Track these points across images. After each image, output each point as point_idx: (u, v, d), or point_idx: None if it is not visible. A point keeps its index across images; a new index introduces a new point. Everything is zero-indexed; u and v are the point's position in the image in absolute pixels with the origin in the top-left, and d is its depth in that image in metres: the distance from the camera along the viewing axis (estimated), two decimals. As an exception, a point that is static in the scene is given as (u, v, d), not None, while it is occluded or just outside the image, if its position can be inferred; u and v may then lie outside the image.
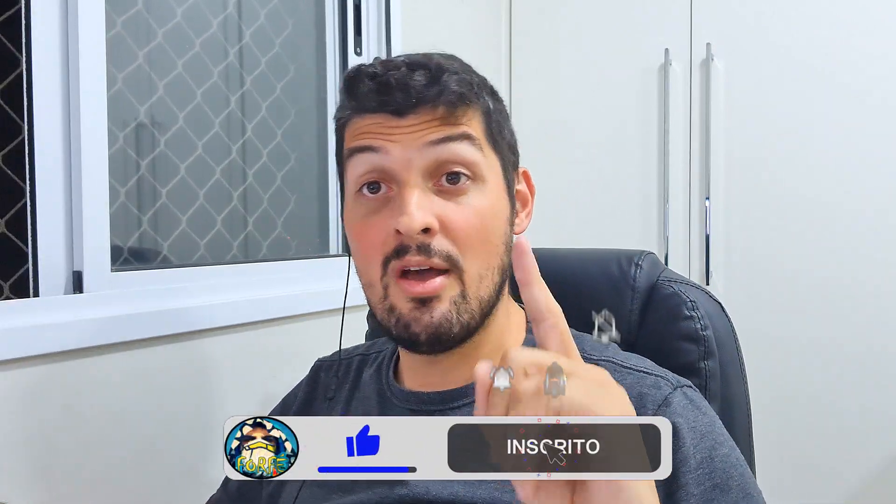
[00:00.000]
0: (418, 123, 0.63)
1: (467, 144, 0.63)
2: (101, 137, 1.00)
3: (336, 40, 1.56)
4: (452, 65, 0.65)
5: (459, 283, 0.63)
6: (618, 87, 1.99)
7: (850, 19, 1.75)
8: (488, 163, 0.65)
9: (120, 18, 1.11)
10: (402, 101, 0.62)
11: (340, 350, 0.83)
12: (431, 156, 0.63)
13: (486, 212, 0.64)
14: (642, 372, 0.66)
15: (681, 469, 0.59)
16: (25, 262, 0.94)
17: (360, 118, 0.65)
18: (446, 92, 0.62)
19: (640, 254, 0.82)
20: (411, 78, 0.62)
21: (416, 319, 0.62)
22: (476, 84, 0.66)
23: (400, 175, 0.63)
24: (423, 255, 0.61)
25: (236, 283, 1.21)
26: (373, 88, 0.63)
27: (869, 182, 1.74)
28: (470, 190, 0.64)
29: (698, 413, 0.63)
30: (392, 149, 0.63)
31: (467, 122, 0.64)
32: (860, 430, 1.74)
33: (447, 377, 0.68)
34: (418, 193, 0.62)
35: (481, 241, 0.64)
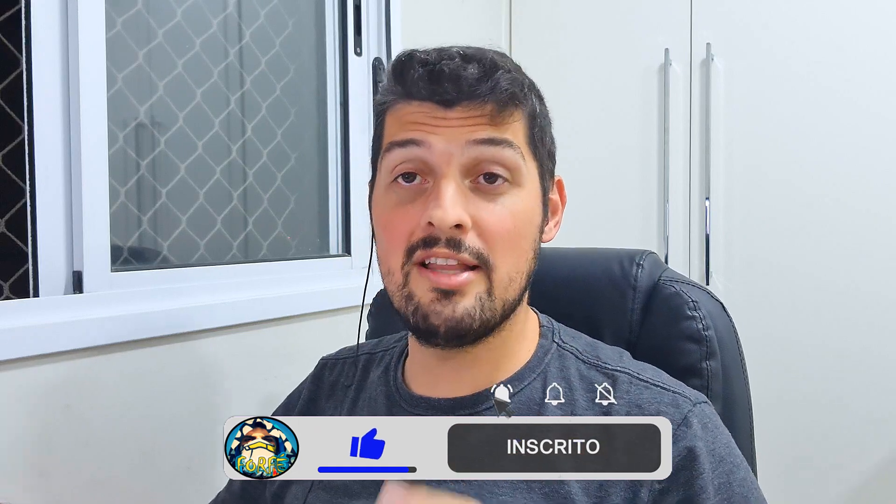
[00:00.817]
0: (465, 117, 0.61)
1: (510, 150, 0.62)
2: (101, 137, 1.00)
3: (336, 40, 1.56)
4: (505, 63, 0.64)
5: (487, 281, 0.62)
6: (618, 87, 1.99)
7: (851, 19, 1.75)
8: (528, 168, 0.64)
9: (120, 18, 1.11)
10: (453, 92, 0.61)
11: (358, 345, 0.82)
12: (473, 154, 0.61)
13: (520, 216, 0.63)
14: (660, 387, 0.65)
15: (701, 496, 0.59)
16: (25, 262, 0.94)
17: (406, 104, 0.64)
18: (497, 89, 0.61)
19: (642, 253, 0.82)
20: (464, 70, 0.61)
21: (437, 312, 0.61)
22: (527, 85, 0.65)
23: (439, 168, 0.61)
24: (451, 249, 0.60)
25: (236, 283, 1.21)
26: (423, 76, 0.62)
27: (869, 182, 1.73)
28: (507, 192, 0.63)
29: (716, 433, 0.63)
30: (435, 142, 0.61)
31: (513, 125, 0.63)
32: (860, 429, 1.74)
33: (458, 379, 0.67)
34: (454, 188, 0.61)
35: (513, 244, 0.63)
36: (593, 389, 0.65)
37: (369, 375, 0.77)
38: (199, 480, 0.93)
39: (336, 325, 1.35)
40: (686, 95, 1.91)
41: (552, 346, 0.69)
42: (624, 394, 0.64)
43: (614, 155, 1.99)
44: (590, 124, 2.02)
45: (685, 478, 0.59)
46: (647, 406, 0.63)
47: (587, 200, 2.01)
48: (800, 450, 1.79)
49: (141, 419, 1.00)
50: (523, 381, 0.66)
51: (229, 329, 1.14)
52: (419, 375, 0.71)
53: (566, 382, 0.66)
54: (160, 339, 1.03)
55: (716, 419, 0.65)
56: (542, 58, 2.08)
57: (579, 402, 0.64)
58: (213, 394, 1.12)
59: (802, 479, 1.79)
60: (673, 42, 1.92)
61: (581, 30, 2.03)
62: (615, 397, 0.63)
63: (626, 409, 0.63)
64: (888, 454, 1.73)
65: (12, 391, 0.86)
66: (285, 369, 1.21)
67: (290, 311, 1.26)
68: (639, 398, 0.63)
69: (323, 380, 0.81)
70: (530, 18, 2.11)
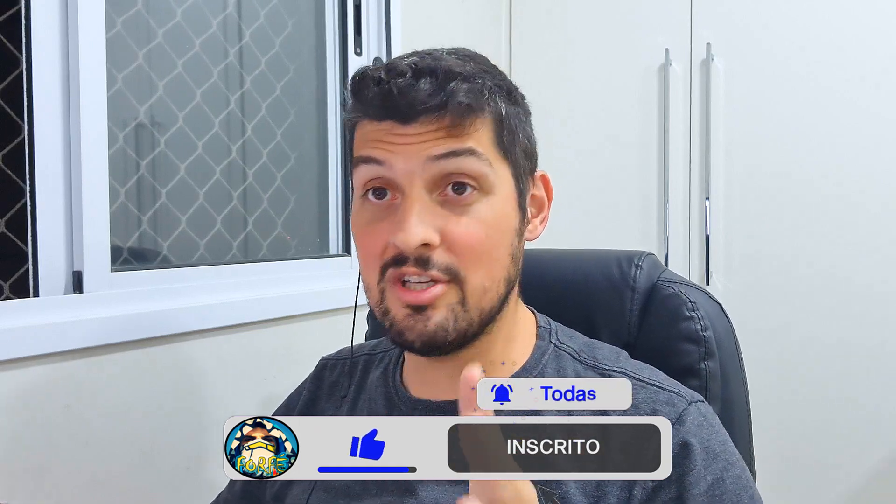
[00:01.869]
0: (424, 132, 0.60)
1: (473, 159, 0.61)
2: (100, 137, 1.00)
3: (336, 40, 1.56)
4: (464, 68, 0.62)
5: (459, 292, 0.62)
6: (618, 87, 1.99)
7: (851, 19, 1.75)
8: (497, 173, 0.63)
9: (120, 18, 1.11)
10: (406, 110, 0.60)
11: (352, 347, 0.82)
12: (435, 169, 0.61)
13: (491, 224, 0.62)
14: (655, 386, 0.65)
15: (692, 491, 0.59)
16: (25, 262, 0.94)
17: (368, 122, 0.64)
18: (451, 102, 0.60)
19: (641, 255, 0.82)
20: (414, 86, 0.60)
21: (410, 328, 0.62)
22: (488, 89, 0.63)
23: (403, 187, 0.61)
24: (420, 268, 0.60)
25: (236, 283, 1.21)
26: (377, 94, 0.61)
27: (870, 181, 1.74)
28: (476, 201, 0.62)
29: (711, 431, 0.63)
30: (395, 161, 0.61)
31: (475, 132, 0.62)
32: (861, 429, 1.74)
33: (453, 382, 0.67)
34: (419, 207, 0.60)
35: (485, 255, 0.62)
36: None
37: (369, 376, 0.77)
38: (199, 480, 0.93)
39: (336, 324, 1.35)
40: (686, 95, 1.91)
41: (549, 346, 0.69)
42: None
43: (614, 155, 2.00)
44: (590, 124, 2.02)
45: (678, 474, 0.59)
46: (642, 405, 0.63)
47: (587, 200, 2.01)
48: (799, 450, 1.79)
49: (141, 419, 1.00)
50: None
51: (229, 329, 1.14)
52: (416, 378, 0.71)
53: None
54: (160, 339, 1.03)
55: (711, 417, 0.65)
56: (543, 58, 2.08)
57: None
58: (213, 393, 1.12)
59: (801, 479, 1.79)
60: (673, 42, 1.92)
61: (581, 30, 2.04)
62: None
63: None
64: (888, 454, 1.73)
65: (12, 391, 0.86)
66: (285, 369, 1.21)
67: (289, 310, 1.26)
68: (635, 397, 0.63)
69: (323, 380, 0.81)
70: (530, 18, 2.11)
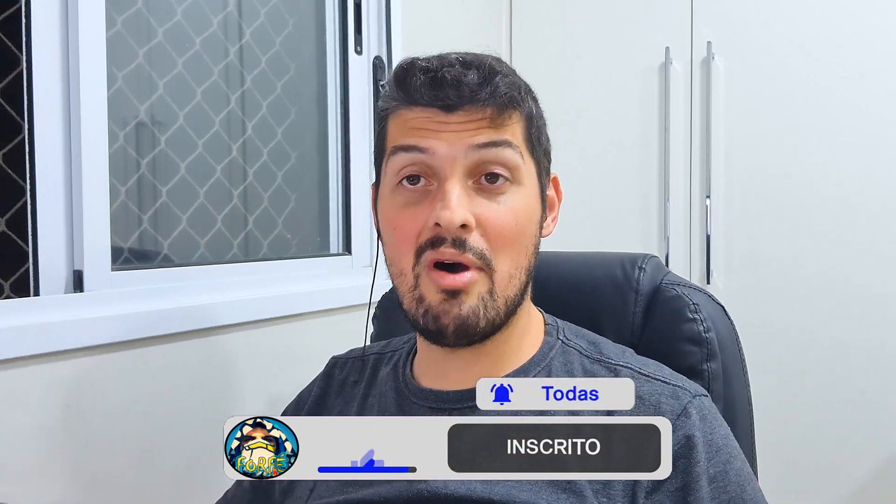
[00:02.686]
0: (466, 122, 0.64)
1: (510, 150, 0.65)
2: (101, 136, 1.00)
3: (336, 39, 1.56)
4: (503, 67, 0.66)
5: (489, 281, 0.64)
6: (618, 86, 1.99)
7: (851, 18, 1.75)
8: (526, 167, 0.67)
9: (120, 17, 1.10)
10: (454, 97, 0.63)
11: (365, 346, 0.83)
12: (475, 157, 0.64)
13: (520, 213, 0.66)
14: (660, 381, 0.66)
15: (697, 483, 0.60)
16: (26, 262, 0.94)
17: (409, 110, 0.66)
18: (497, 93, 0.64)
19: (644, 257, 0.82)
20: (465, 76, 0.63)
21: (446, 312, 0.63)
22: (523, 88, 0.67)
23: (443, 171, 0.64)
24: (457, 249, 0.63)
25: (237, 283, 1.21)
26: (426, 82, 0.64)
27: (871, 180, 1.73)
28: (508, 191, 0.65)
29: (715, 424, 0.64)
30: (438, 147, 0.64)
31: (511, 126, 0.66)
32: (862, 429, 1.74)
33: (465, 373, 0.69)
34: (459, 189, 0.63)
35: (514, 242, 0.65)
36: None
37: (378, 373, 0.79)
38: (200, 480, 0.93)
39: (337, 323, 1.35)
40: (687, 94, 1.91)
41: (557, 342, 0.71)
42: None
43: (615, 154, 1.99)
44: (590, 123, 2.02)
45: (683, 466, 0.61)
46: (647, 398, 0.65)
47: (588, 199, 2.01)
48: (801, 450, 1.79)
49: (141, 419, 1.00)
50: (528, 374, 0.69)
51: (230, 328, 1.14)
52: (427, 370, 0.73)
53: (569, 376, 0.68)
54: (160, 339, 1.03)
55: (715, 412, 0.66)
56: (543, 56, 2.08)
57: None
58: (214, 393, 1.12)
59: (804, 479, 1.79)
60: (673, 41, 1.92)
61: (581, 28, 2.03)
62: None
63: None
64: (889, 454, 1.73)
65: (13, 390, 0.86)
66: (286, 368, 1.21)
67: (290, 309, 1.26)
68: (640, 391, 0.65)
69: (333, 377, 0.83)
70: (531, 17, 2.11)
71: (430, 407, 0.70)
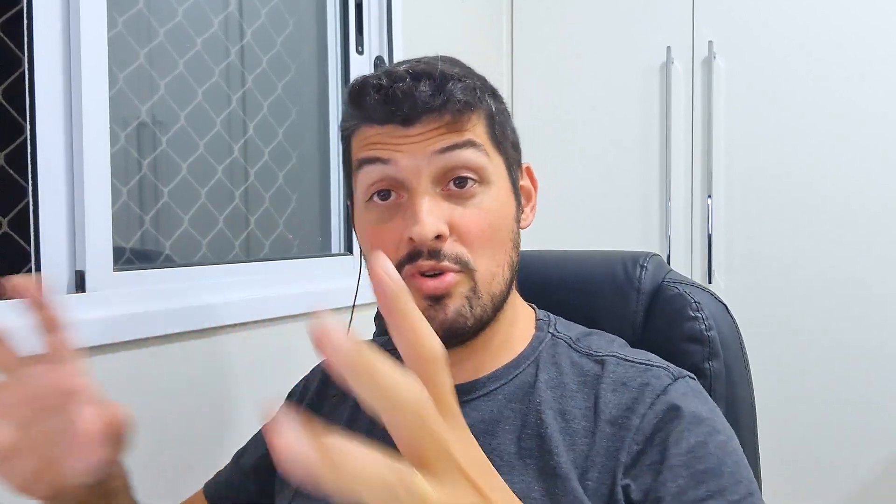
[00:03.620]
0: (425, 132, 0.64)
1: (473, 151, 0.65)
2: (102, 137, 1.00)
3: (337, 39, 1.56)
4: (455, 71, 0.66)
5: (470, 281, 0.65)
6: (619, 85, 1.99)
7: (851, 17, 1.75)
8: (493, 165, 0.67)
9: (121, 18, 1.10)
10: (409, 112, 0.63)
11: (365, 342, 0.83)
12: (439, 163, 0.64)
13: (493, 213, 0.66)
14: (645, 364, 0.67)
15: (672, 449, 0.59)
16: (28, 262, 0.94)
17: (368, 128, 0.67)
18: (451, 100, 0.64)
19: (646, 255, 0.82)
20: (416, 89, 0.63)
21: (432, 318, 0.63)
22: (479, 88, 0.67)
23: (410, 183, 0.64)
24: (434, 260, 0.63)
25: (238, 283, 1.21)
26: (379, 100, 0.64)
27: (872, 179, 1.73)
28: (477, 193, 0.65)
29: (698, 401, 0.64)
30: (400, 159, 0.64)
31: (472, 128, 0.66)
32: (865, 428, 1.74)
33: (456, 370, 0.68)
34: (428, 200, 0.63)
35: (491, 241, 0.66)
36: (583, 374, 0.67)
37: None
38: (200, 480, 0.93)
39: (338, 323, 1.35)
40: (688, 93, 1.91)
41: (546, 336, 0.72)
42: (610, 373, 0.66)
43: (616, 153, 1.99)
44: (591, 123, 2.02)
45: (661, 438, 0.60)
46: (630, 382, 0.65)
47: (589, 198, 2.01)
48: (804, 449, 1.79)
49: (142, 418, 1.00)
50: (518, 368, 0.69)
51: (231, 328, 1.14)
52: None
53: (557, 368, 0.69)
54: (162, 339, 1.03)
55: (700, 391, 0.66)
56: (544, 56, 2.08)
57: (569, 385, 0.67)
58: (215, 393, 1.12)
59: (807, 477, 1.79)
60: (675, 40, 1.92)
61: (582, 28, 2.03)
62: (603, 378, 0.66)
63: (612, 386, 0.65)
64: (890, 454, 1.73)
65: (15, 391, 0.86)
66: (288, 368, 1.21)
67: (292, 310, 1.26)
68: (624, 376, 0.66)
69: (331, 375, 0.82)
70: (531, 16, 2.11)
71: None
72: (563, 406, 0.65)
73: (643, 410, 0.62)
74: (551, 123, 2.06)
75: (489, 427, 0.66)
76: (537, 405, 0.65)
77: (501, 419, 0.66)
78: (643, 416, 0.62)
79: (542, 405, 0.65)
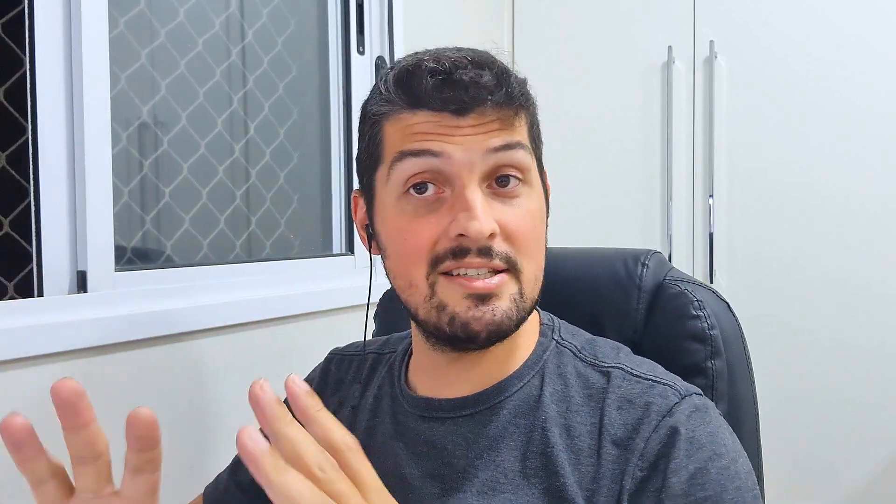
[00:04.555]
0: (479, 125, 0.60)
1: (523, 152, 0.62)
2: (104, 137, 1.00)
3: (339, 39, 1.56)
4: (509, 66, 0.64)
5: (517, 283, 0.62)
6: (621, 85, 1.99)
7: (852, 17, 1.75)
8: (534, 168, 0.65)
9: (122, 18, 1.11)
10: (470, 101, 0.60)
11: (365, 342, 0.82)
12: (492, 161, 0.61)
13: (536, 215, 0.64)
14: (651, 380, 0.64)
15: (671, 479, 0.58)
16: (29, 262, 0.94)
17: (411, 114, 0.62)
18: (512, 95, 0.61)
19: (647, 253, 0.81)
20: (480, 77, 0.60)
21: (477, 318, 0.60)
22: (529, 87, 0.65)
23: (460, 178, 0.60)
24: (484, 258, 0.60)
25: (239, 283, 1.21)
26: (437, 85, 0.60)
27: (873, 178, 1.73)
28: (521, 193, 0.63)
29: (701, 422, 0.61)
30: (453, 151, 0.60)
31: (520, 127, 0.63)
32: (867, 427, 1.74)
33: (463, 379, 0.68)
34: (481, 197, 0.60)
35: (534, 243, 0.64)
36: (589, 387, 0.65)
37: (375, 374, 0.78)
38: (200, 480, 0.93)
39: (339, 323, 1.35)
40: (689, 93, 1.91)
41: (551, 343, 0.70)
42: (616, 388, 0.64)
43: (617, 153, 1.99)
44: (593, 122, 2.02)
45: (663, 465, 0.59)
46: (636, 399, 0.63)
47: (590, 198, 2.01)
48: (806, 448, 1.79)
49: (145, 419, 1.00)
50: (523, 380, 0.67)
51: (232, 328, 1.14)
52: (423, 376, 0.71)
53: (562, 380, 0.66)
54: (164, 339, 1.03)
55: (705, 409, 0.63)
56: (545, 55, 2.08)
57: (574, 399, 0.65)
58: (217, 393, 1.12)
59: (808, 476, 1.79)
60: (676, 40, 1.92)
61: (584, 28, 2.03)
62: (608, 393, 0.64)
63: (617, 403, 0.63)
64: (891, 453, 1.73)
65: (16, 390, 0.86)
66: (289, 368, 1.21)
67: (293, 310, 1.26)
68: (629, 392, 0.64)
69: (329, 374, 0.82)
70: (533, 16, 2.11)
71: (422, 416, 0.68)
72: (569, 421, 0.63)
73: (647, 433, 0.60)
74: (552, 123, 2.05)
75: (493, 443, 0.64)
76: (543, 421, 0.63)
77: (506, 435, 0.64)
78: (647, 439, 0.60)
79: (548, 421, 0.63)
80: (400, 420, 0.70)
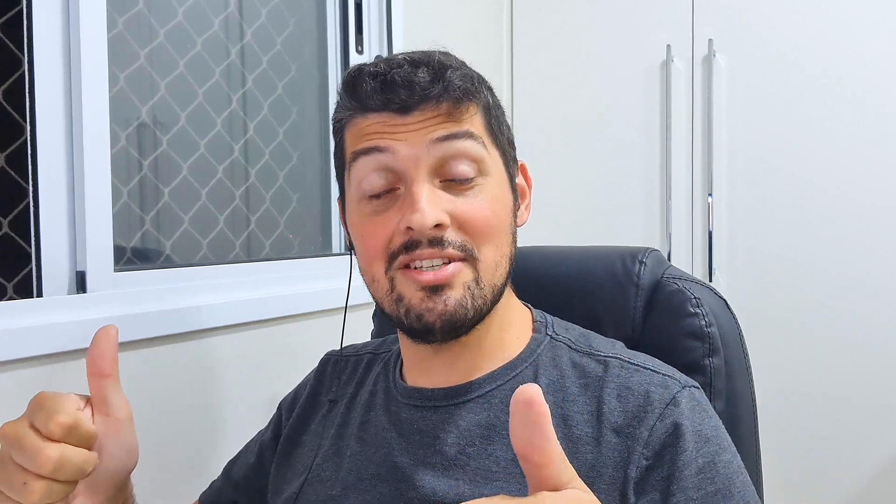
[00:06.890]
0: (423, 120, 0.63)
1: (471, 142, 0.64)
2: (103, 137, 1.00)
3: (337, 39, 1.56)
4: (451, 61, 0.65)
5: (473, 270, 0.63)
6: (620, 83, 1.99)
7: (852, 15, 1.74)
8: (491, 158, 0.66)
9: (121, 18, 1.11)
10: (407, 98, 0.62)
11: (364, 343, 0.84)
12: (438, 152, 0.63)
13: (495, 203, 0.65)
14: (650, 370, 0.65)
15: (683, 472, 0.59)
16: (29, 263, 0.94)
17: (363, 118, 0.65)
18: (450, 88, 0.62)
19: (645, 251, 0.81)
20: (415, 75, 0.62)
21: (430, 309, 0.62)
22: (476, 79, 0.66)
23: (408, 173, 0.63)
24: (435, 248, 0.61)
25: (239, 283, 1.21)
26: (376, 87, 0.63)
27: (873, 177, 1.73)
28: (477, 184, 0.64)
29: (704, 416, 0.63)
30: (399, 147, 0.62)
31: (470, 118, 0.65)
32: (865, 426, 1.74)
33: (450, 370, 0.69)
34: (427, 189, 0.62)
35: (494, 231, 0.64)
36: (585, 375, 0.66)
37: (371, 372, 0.79)
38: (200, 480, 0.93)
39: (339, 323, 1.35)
40: (688, 91, 1.91)
41: (545, 338, 0.70)
42: (615, 377, 0.65)
43: (616, 152, 1.99)
44: (592, 121, 2.02)
45: (670, 455, 0.59)
46: (636, 388, 0.64)
47: (589, 197, 2.01)
48: (804, 446, 1.79)
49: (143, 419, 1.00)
50: (515, 370, 0.68)
51: (232, 328, 1.15)
52: (414, 369, 0.72)
53: (558, 371, 0.67)
54: (163, 339, 1.03)
55: (705, 404, 0.65)
56: (544, 54, 2.08)
57: (570, 388, 0.65)
58: (216, 393, 1.12)
59: (807, 475, 1.79)
60: (675, 38, 1.92)
61: (582, 26, 2.03)
62: (606, 381, 0.64)
63: (616, 391, 0.64)
64: (891, 453, 1.73)
65: (16, 391, 0.86)
66: (288, 368, 1.21)
67: (292, 309, 1.26)
68: (629, 380, 0.64)
69: (325, 375, 0.83)
70: (532, 14, 2.11)
71: (415, 405, 0.69)
72: (565, 411, 0.64)
73: (652, 422, 0.60)
74: (552, 122, 2.06)
75: (486, 432, 0.65)
76: None
77: (498, 424, 0.65)
78: (652, 428, 0.60)
79: None
80: (393, 411, 0.71)
